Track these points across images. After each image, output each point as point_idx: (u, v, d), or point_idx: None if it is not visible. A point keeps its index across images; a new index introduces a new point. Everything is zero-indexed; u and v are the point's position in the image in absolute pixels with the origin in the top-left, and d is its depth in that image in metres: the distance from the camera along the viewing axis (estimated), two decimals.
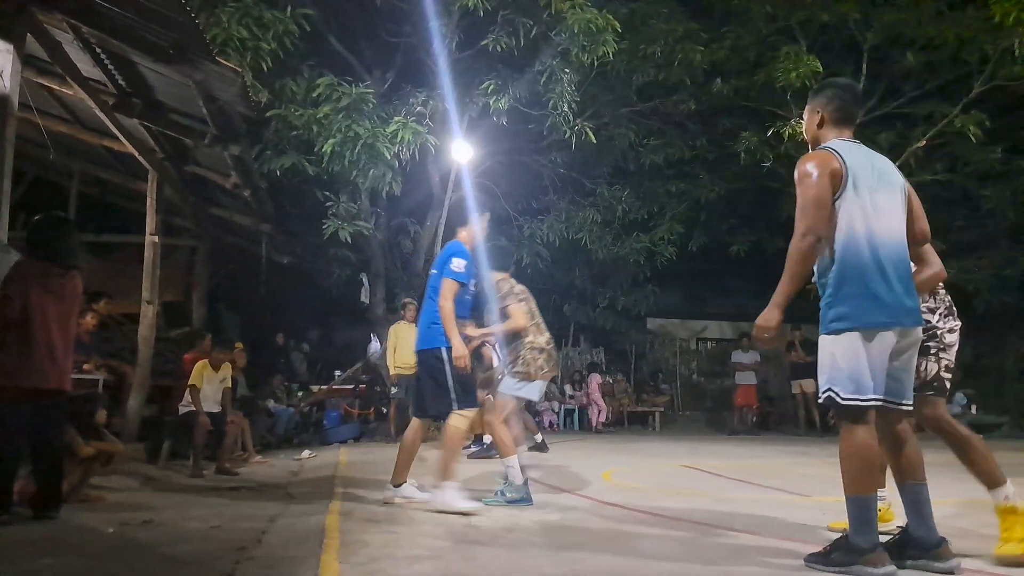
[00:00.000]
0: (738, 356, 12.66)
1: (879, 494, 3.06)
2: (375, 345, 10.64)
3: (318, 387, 10.57)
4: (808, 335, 12.77)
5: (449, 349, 4.17)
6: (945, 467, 3.10)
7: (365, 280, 10.41)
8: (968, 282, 11.36)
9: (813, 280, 2.96)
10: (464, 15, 9.28)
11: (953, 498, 4.02)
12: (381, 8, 9.95)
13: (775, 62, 10.57)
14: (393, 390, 9.17)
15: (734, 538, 3.47)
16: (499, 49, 9.25)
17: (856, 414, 2.71)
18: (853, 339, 2.72)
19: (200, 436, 6.13)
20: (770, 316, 2.85)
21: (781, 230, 13.17)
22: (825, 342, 2.82)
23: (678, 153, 12.15)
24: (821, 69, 10.22)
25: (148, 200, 7.45)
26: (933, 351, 3.19)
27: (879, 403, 2.73)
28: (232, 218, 9.83)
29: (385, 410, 9.93)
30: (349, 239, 9.18)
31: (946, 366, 3.20)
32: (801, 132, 10.57)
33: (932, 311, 3.25)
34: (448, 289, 4.22)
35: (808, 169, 2.83)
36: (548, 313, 8.96)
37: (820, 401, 2.85)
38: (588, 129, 9.79)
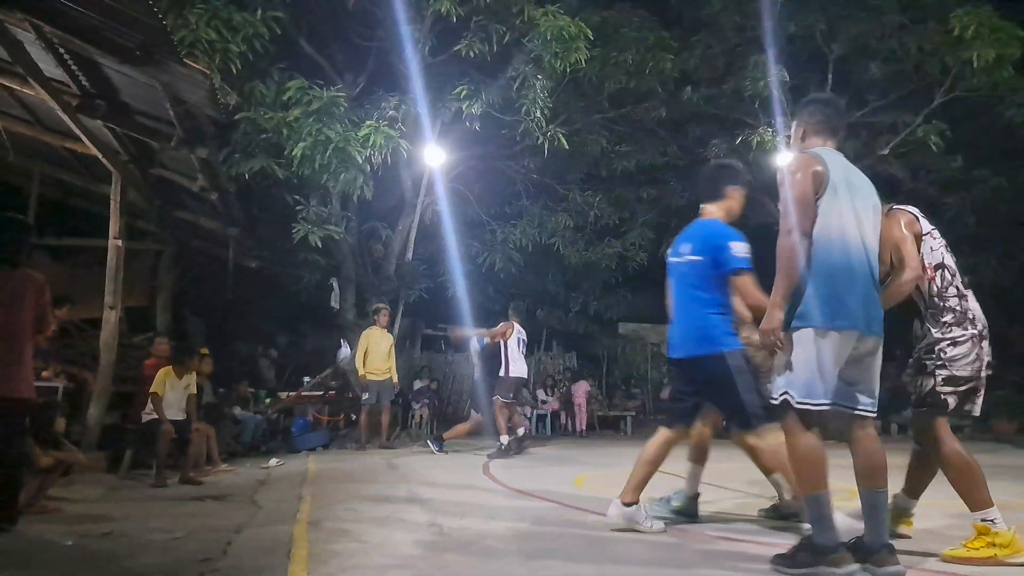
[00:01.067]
0: None
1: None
2: (345, 351, 10.53)
3: (286, 393, 10.42)
4: None
5: (736, 352, 3.55)
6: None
7: (335, 285, 10.29)
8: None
9: None
10: (437, 20, 9.27)
11: (931, 500, 4.07)
12: (353, 12, 9.88)
13: (744, 71, 10.75)
14: (364, 396, 9.09)
15: (706, 542, 3.49)
16: (472, 55, 9.24)
17: (806, 417, 2.79)
18: (809, 341, 2.78)
19: (163, 445, 6.00)
20: (770, 318, 2.87)
21: (749, 237, 13.29)
22: (785, 342, 2.87)
23: (649, 160, 12.26)
24: (788, 79, 10.43)
25: (112, 203, 7.28)
26: (929, 368, 3.18)
27: (829, 407, 2.79)
28: (199, 222, 9.66)
29: (355, 416, 9.83)
30: (319, 243, 9.08)
31: (944, 379, 3.15)
32: (768, 140, 10.83)
33: (937, 322, 3.22)
34: (747, 286, 3.55)
35: (792, 169, 2.92)
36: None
37: (776, 402, 2.89)
38: (560, 135, 9.83)
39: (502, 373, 8.28)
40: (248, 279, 10.75)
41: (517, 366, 8.33)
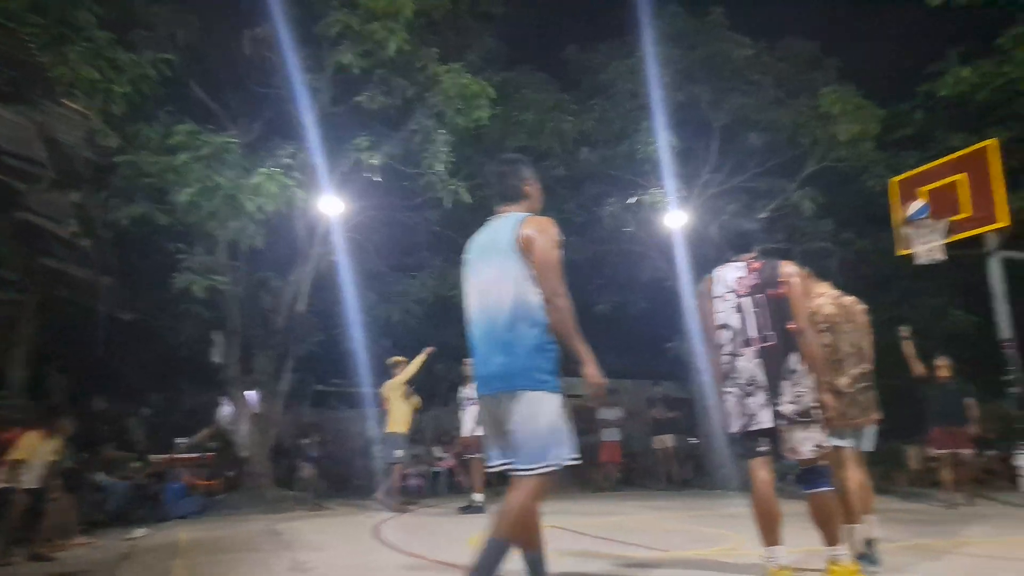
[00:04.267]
0: (604, 413, 12.94)
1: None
2: (227, 409, 9.92)
3: (158, 456, 9.65)
4: (668, 390, 13.32)
5: None
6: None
7: (219, 339, 9.73)
8: None
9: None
10: (338, 71, 9.20)
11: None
12: (250, 58, 9.66)
13: (637, 135, 11.30)
14: (398, 453, 8.63)
15: None
16: (374, 107, 9.20)
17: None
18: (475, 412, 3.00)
19: (15, 516, 5.37)
20: None
21: (643, 291, 13.81)
22: None
23: (548, 215, 12.51)
24: (677, 144, 11.06)
25: None
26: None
27: (500, 468, 2.88)
28: (67, 270, 8.95)
29: (232, 473, 9.29)
30: (203, 294, 8.59)
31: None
32: (659, 200, 11.36)
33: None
34: None
35: None
36: (418, 372, 8.88)
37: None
38: (463, 189, 9.88)
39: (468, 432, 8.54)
40: (121, 332, 9.99)
41: None
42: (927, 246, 9.08)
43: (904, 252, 9.53)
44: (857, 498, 3.93)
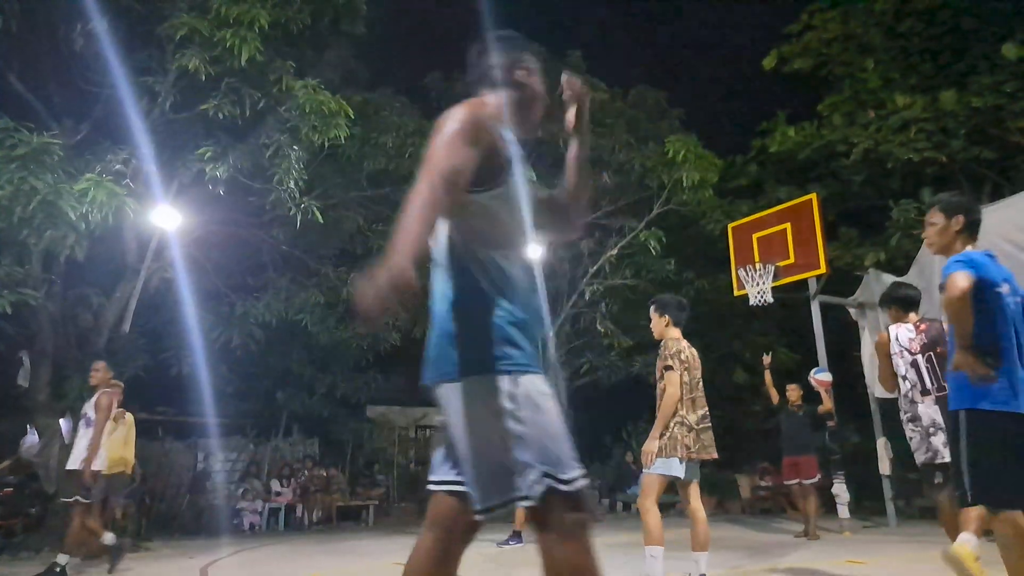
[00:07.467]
0: None
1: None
2: (32, 438, 8.76)
3: None
4: None
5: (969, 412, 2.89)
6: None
7: (26, 359, 8.60)
8: (650, 373, 13.00)
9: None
10: (182, 75, 8.57)
11: None
12: (80, 53, 8.78)
13: None
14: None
15: None
16: (221, 116, 8.64)
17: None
18: None
19: None
20: None
21: None
22: None
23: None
24: (535, 178, 11.30)
25: None
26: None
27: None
28: None
29: (35, 510, 8.19)
30: (8, 309, 7.58)
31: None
32: None
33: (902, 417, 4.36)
34: None
35: None
36: (258, 400, 8.28)
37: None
38: (315, 208, 9.47)
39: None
40: None
41: None
42: (758, 288, 9.86)
43: (739, 293, 10.29)
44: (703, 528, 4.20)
